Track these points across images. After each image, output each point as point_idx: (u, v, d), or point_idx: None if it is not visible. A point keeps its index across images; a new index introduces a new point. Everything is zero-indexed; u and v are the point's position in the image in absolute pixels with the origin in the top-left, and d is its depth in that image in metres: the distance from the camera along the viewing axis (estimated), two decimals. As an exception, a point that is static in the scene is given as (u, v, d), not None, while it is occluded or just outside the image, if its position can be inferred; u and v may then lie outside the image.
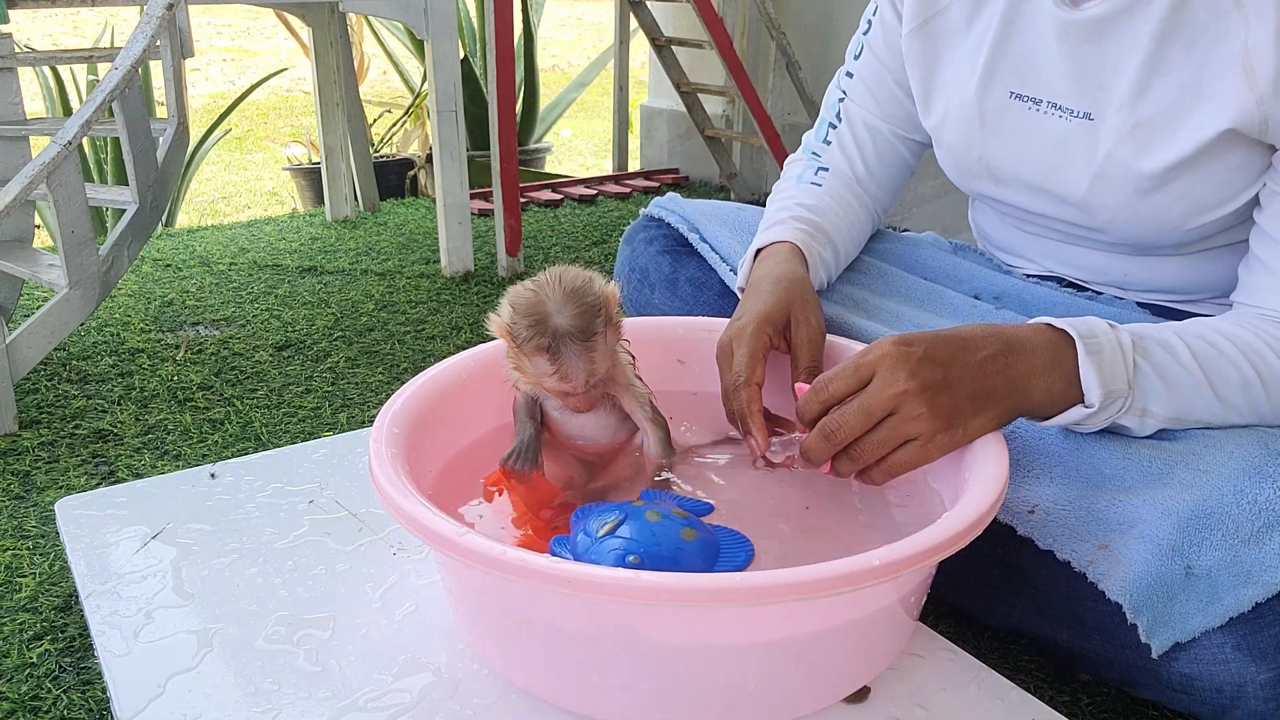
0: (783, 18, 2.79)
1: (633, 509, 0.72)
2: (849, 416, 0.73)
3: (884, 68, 1.07)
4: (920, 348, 0.74)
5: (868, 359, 0.74)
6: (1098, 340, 0.77)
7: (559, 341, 0.75)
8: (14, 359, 1.42)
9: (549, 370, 0.76)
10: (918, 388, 0.72)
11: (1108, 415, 0.78)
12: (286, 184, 4.19)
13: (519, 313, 0.76)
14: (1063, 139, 0.91)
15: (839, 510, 0.81)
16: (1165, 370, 0.78)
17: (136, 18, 1.58)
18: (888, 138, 1.09)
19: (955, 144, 1.00)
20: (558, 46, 8.00)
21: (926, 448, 0.73)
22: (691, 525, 0.71)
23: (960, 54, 0.98)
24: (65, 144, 1.39)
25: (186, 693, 0.72)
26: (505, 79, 2.08)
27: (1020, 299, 1.03)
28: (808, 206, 1.03)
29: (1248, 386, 0.79)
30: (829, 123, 1.12)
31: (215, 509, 0.95)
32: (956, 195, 1.16)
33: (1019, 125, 0.94)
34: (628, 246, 1.17)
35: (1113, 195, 0.89)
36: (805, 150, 1.15)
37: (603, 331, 0.77)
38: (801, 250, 0.97)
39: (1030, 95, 0.92)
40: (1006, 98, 0.94)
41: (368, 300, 2.00)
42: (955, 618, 0.95)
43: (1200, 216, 0.87)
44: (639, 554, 0.67)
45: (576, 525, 0.73)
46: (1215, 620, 0.71)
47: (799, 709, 0.69)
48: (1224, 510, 0.73)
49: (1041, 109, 0.92)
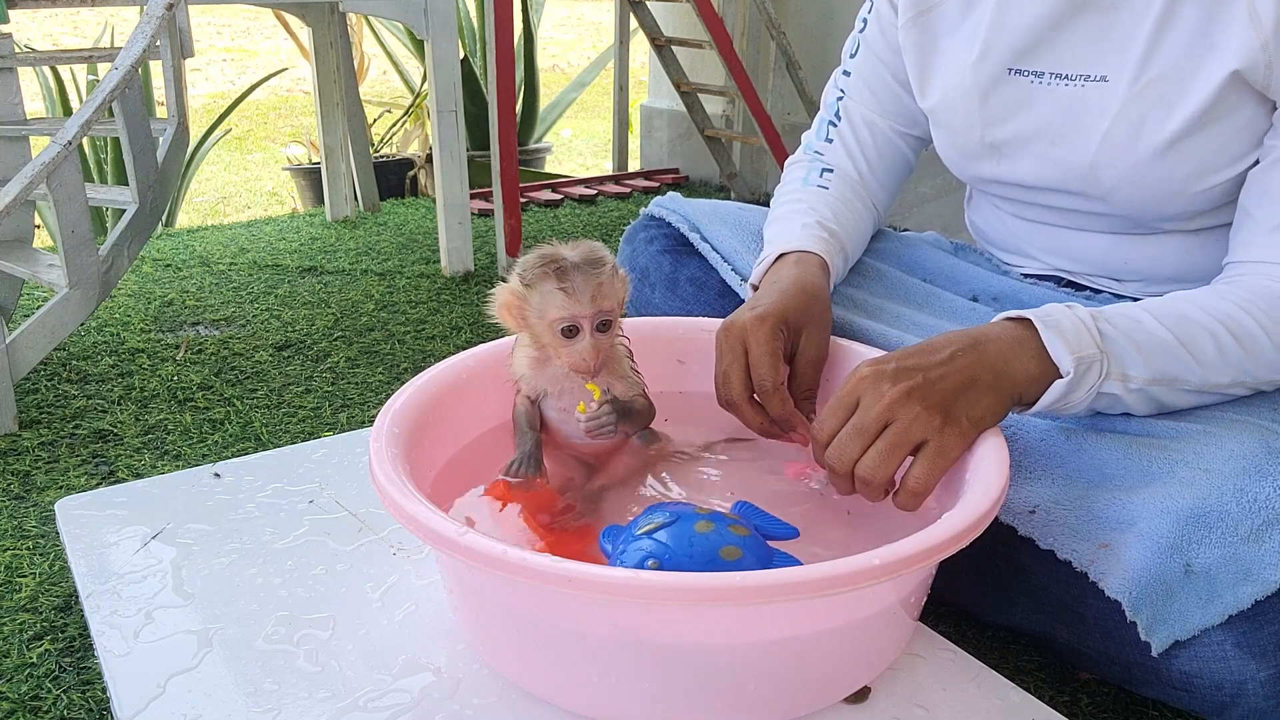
0: (783, 18, 2.79)
1: (690, 515, 0.69)
2: (844, 440, 0.74)
3: (881, 64, 1.07)
4: (892, 361, 0.76)
5: (847, 388, 0.76)
6: (1054, 317, 0.78)
7: (568, 266, 0.79)
8: (14, 359, 1.42)
9: (556, 291, 0.78)
10: (902, 392, 0.73)
11: (1090, 385, 0.78)
12: (286, 184, 4.20)
13: (528, 262, 0.80)
14: (1067, 106, 0.92)
15: (838, 512, 0.81)
16: (1133, 334, 0.79)
17: (136, 18, 1.58)
18: (887, 134, 1.09)
19: (955, 125, 1.01)
20: (558, 46, 8.00)
21: (940, 447, 0.73)
22: (743, 545, 0.67)
23: (956, 40, 0.99)
24: (65, 144, 1.39)
25: (186, 693, 0.72)
26: (505, 79, 2.08)
27: (1017, 299, 1.03)
28: (822, 214, 1.02)
29: (1220, 345, 0.80)
30: (829, 121, 1.12)
31: (215, 509, 0.95)
32: (956, 195, 1.16)
33: (1021, 98, 0.95)
34: (628, 246, 1.17)
35: (1120, 156, 0.90)
36: (806, 150, 1.15)
37: (613, 271, 0.81)
38: (828, 267, 0.97)
39: (1030, 69, 0.94)
40: (1006, 75, 0.95)
41: (368, 300, 2.00)
42: (955, 618, 0.95)
43: (1205, 179, 0.88)
44: (661, 560, 0.65)
45: (638, 520, 0.70)
46: (1215, 618, 0.71)
47: (799, 709, 0.69)
48: (1223, 508, 0.73)
49: (1044, 80, 0.93)
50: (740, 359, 0.84)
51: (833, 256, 0.98)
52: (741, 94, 2.59)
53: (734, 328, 0.85)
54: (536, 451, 0.83)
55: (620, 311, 0.83)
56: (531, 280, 0.79)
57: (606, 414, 0.82)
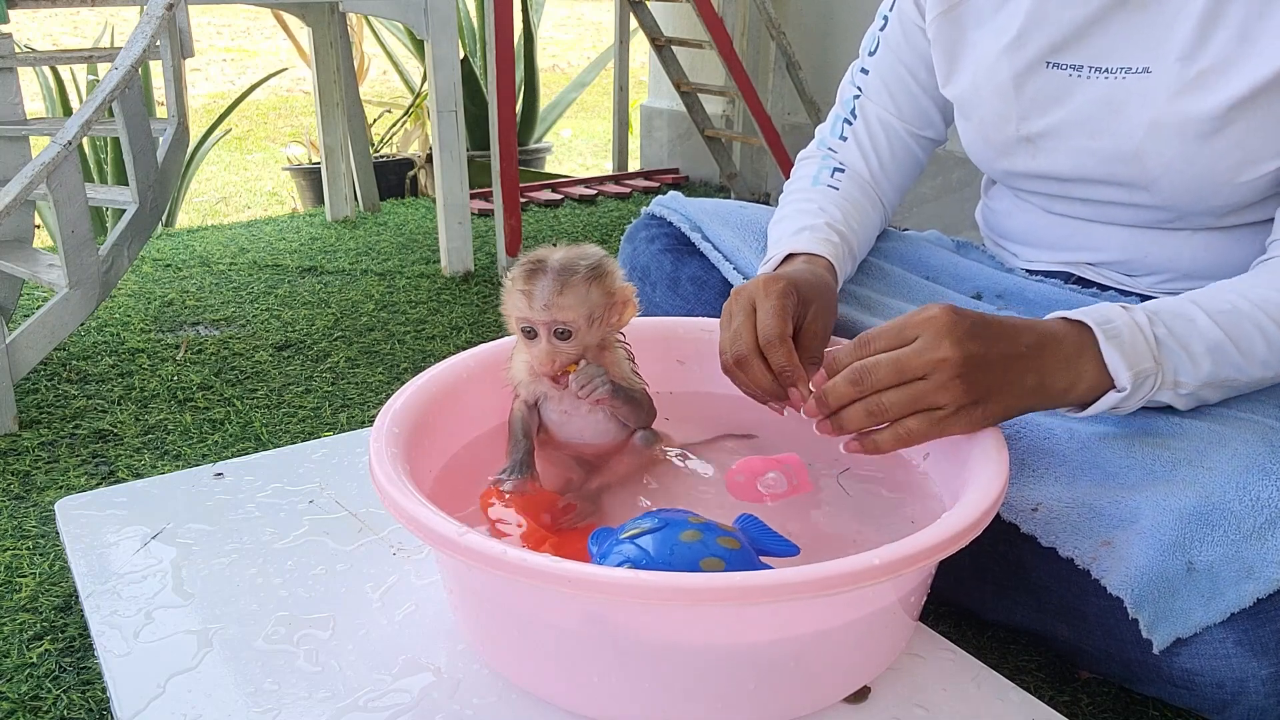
0: (783, 18, 2.79)
1: (679, 523, 0.68)
2: (882, 366, 0.73)
3: (901, 65, 1.07)
4: (969, 321, 0.73)
5: (916, 319, 0.74)
6: (1114, 325, 0.77)
7: (540, 269, 0.79)
8: (14, 359, 1.42)
9: (517, 291, 0.79)
10: (960, 358, 0.72)
11: (1144, 395, 0.78)
12: (286, 184, 4.19)
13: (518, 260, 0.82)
14: (1107, 97, 0.92)
15: (838, 512, 0.81)
16: (1188, 340, 0.78)
17: (136, 18, 1.58)
18: (902, 136, 1.09)
19: (988, 119, 1.00)
20: (558, 46, 8.00)
21: (944, 422, 0.73)
22: (727, 558, 0.65)
23: (987, 32, 0.99)
24: (65, 144, 1.39)
25: (186, 693, 0.72)
26: (505, 79, 2.08)
27: (1022, 296, 1.03)
28: (832, 216, 1.02)
29: (1269, 340, 0.79)
30: (844, 119, 1.11)
31: (215, 509, 0.95)
32: (956, 195, 1.16)
33: (1061, 91, 0.95)
34: (629, 245, 1.17)
35: (1169, 143, 0.89)
36: (820, 145, 1.14)
37: (586, 283, 0.79)
38: (836, 271, 0.96)
39: (1068, 63, 0.94)
40: (1042, 67, 0.95)
41: (368, 300, 2.00)
42: (955, 617, 0.95)
43: (1253, 168, 0.87)
44: (637, 565, 0.65)
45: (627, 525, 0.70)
46: (1216, 616, 0.71)
47: (799, 709, 0.69)
48: (1226, 506, 0.73)
49: (1082, 73, 0.93)
50: (751, 316, 0.83)
51: (841, 261, 0.98)
52: (741, 94, 2.59)
53: (744, 290, 0.85)
54: (528, 459, 0.83)
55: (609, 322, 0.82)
56: (509, 278, 0.81)
57: (596, 371, 0.81)
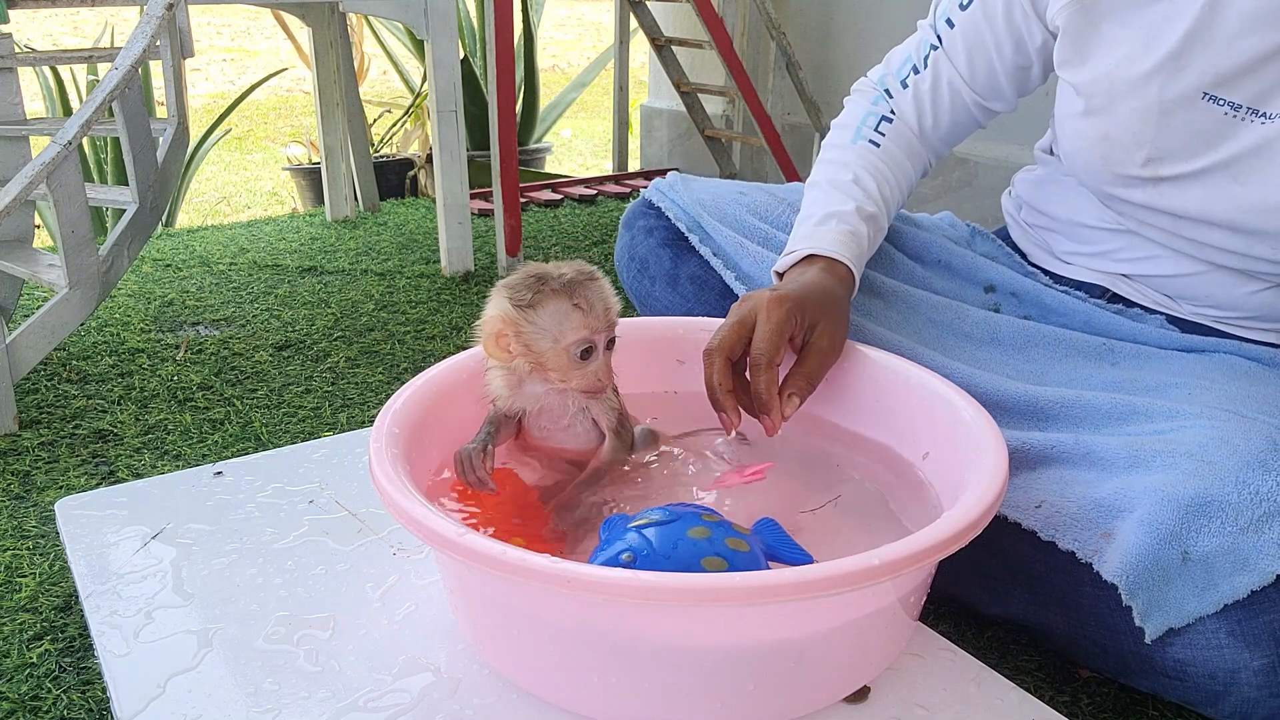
0: (783, 18, 2.79)
1: (690, 518, 0.67)
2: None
3: (991, 33, 0.99)
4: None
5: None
6: None
7: (571, 283, 0.74)
8: (14, 359, 1.42)
9: (570, 309, 0.73)
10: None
11: None
12: (286, 184, 4.19)
13: (515, 284, 0.75)
14: (1263, 144, 0.86)
15: (839, 513, 0.81)
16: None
17: (136, 18, 1.58)
18: (966, 103, 1.04)
19: (1119, 134, 0.91)
20: (558, 46, 8.00)
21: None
22: (731, 559, 0.64)
23: (1132, 32, 0.89)
24: (65, 144, 1.39)
25: (186, 693, 0.72)
26: (505, 79, 2.07)
27: (1039, 301, 1.02)
28: (867, 188, 0.99)
29: None
30: (914, 65, 1.05)
31: (215, 509, 0.95)
32: (956, 195, 1.16)
33: (1213, 130, 0.87)
34: (627, 232, 1.15)
35: None
36: (879, 82, 1.09)
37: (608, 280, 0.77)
38: (854, 280, 0.94)
39: (1228, 99, 0.86)
40: (1199, 99, 0.87)
41: (368, 300, 2.00)
42: (955, 617, 0.95)
43: None
44: (637, 556, 0.65)
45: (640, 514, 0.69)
46: (1210, 606, 0.71)
47: (799, 709, 0.69)
48: (1224, 498, 0.74)
49: (1240, 115, 0.86)
50: (745, 325, 0.83)
51: (861, 258, 0.96)
52: (741, 94, 2.59)
53: (750, 298, 0.85)
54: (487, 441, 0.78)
55: None
56: (533, 301, 0.74)
57: None
